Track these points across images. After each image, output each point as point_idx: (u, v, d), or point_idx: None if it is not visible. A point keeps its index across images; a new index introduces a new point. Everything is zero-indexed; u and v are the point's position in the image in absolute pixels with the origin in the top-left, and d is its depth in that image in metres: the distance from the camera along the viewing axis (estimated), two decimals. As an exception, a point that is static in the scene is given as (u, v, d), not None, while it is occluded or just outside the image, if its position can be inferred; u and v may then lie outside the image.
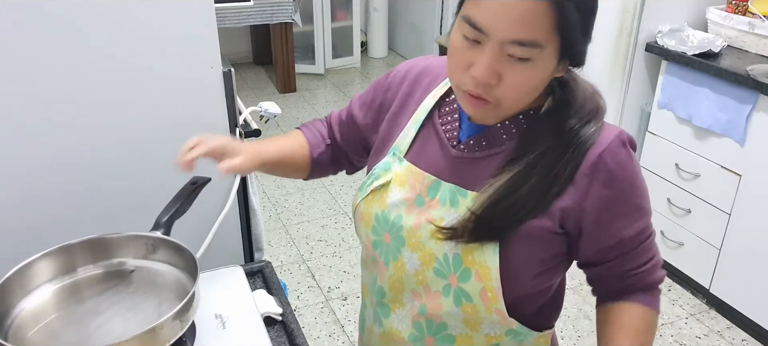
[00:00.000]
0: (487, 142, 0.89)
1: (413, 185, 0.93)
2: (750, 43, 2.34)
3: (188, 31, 1.11)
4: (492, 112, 0.84)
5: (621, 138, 0.85)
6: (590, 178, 0.84)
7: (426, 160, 0.94)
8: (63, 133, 1.09)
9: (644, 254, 0.90)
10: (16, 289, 0.91)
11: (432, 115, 0.96)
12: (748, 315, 2.34)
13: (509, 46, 0.76)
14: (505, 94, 0.80)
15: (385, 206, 0.94)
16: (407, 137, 0.97)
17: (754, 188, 2.21)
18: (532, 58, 0.77)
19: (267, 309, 1.06)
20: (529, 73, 0.79)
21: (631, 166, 0.86)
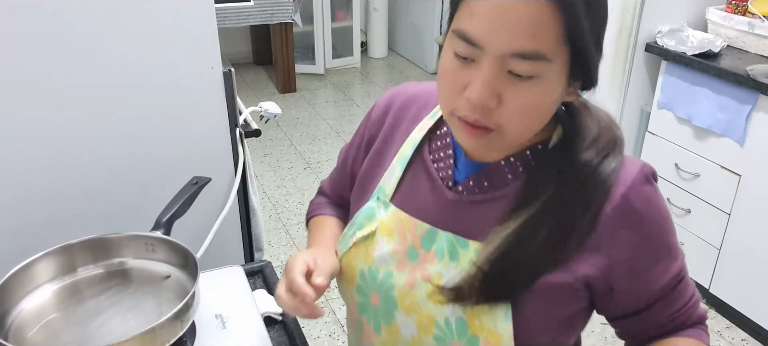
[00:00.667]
0: (489, 182, 0.77)
1: (403, 234, 0.80)
2: (750, 44, 2.34)
3: (188, 31, 1.11)
4: (493, 144, 0.70)
5: (644, 172, 0.74)
6: (616, 223, 0.72)
7: (417, 204, 0.81)
8: (63, 133, 1.09)
9: (683, 294, 0.79)
10: (16, 289, 0.91)
11: (421, 150, 0.83)
12: (748, 315, 2.34)
13: (510, 60, 0.64)
14: (507, 119, 0.67)
15: (372, 260, 0.81)
16: (393, 177, 0.83)
17: (753, 188, 2.21)
18: (537, 75, 0.65)
19: (267, 309, 1.06)
20: (534, 94, 0.66)
21: (658, 203, 0.75)
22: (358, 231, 0.83)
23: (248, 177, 1.32)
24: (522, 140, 0.73)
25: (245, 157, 1.28)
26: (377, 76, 5.18)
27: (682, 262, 0.80)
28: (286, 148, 3.91)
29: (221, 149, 1.24)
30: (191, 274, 0.95)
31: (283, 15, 2.96)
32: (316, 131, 4.14)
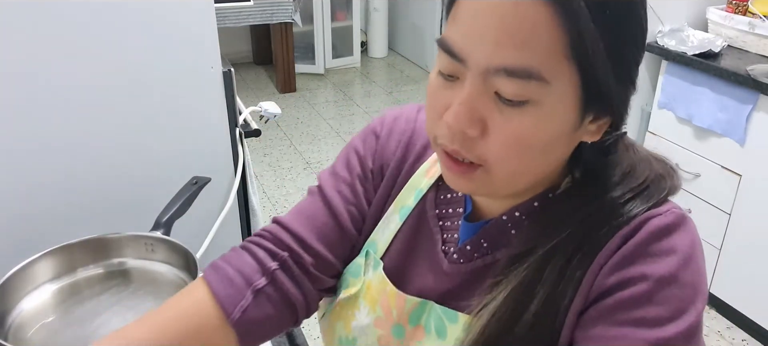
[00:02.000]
0: (488, 242, 0.63)
1: (388, 308, 0.67)
2: (750, 43, 2.34)
3: (188, 31, 1.11)
4: (480, 186, 0.57)
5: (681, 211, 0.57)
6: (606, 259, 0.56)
7: (411, 270, 0.68)
8: (62, 133, 1.09)
9: None
10: (16, 289, 0.91)
11: (425, 201, 0.69)
12: (748, 315, 2.33)
13: (494, 78, 0.51)
14: (492, 154, 0.53)
15: (350, 329, 0.68)
16: (387, 231, 0.69)
17: (754, 188, 2.21)
18: (531, 100, 0.51)
19: (267, 309, 1.05)
20: (527, 125, 0.52)
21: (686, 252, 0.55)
22: (343, 290, 0.70)
23: (248, 177, 1.32)
24: (518, 186, 0.58)
25: (245, 157, 1.28)
26: (377, 76, 5.18)
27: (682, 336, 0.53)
28: (286, 148, 3.91)
29: (221, 149, 1.24)
30: (191, 274, 0.95)
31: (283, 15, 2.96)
32: (316, 131, 4.14)
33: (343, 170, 0.73)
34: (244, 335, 0.66)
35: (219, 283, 0.66)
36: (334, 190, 0.72)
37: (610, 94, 0.53)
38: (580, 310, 0.56)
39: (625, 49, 0.53)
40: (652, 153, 0.63)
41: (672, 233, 0.55)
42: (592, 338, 0.53)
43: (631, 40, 0.53)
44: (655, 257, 0.54)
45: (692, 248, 0.56)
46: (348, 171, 0.73)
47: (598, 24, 0.49)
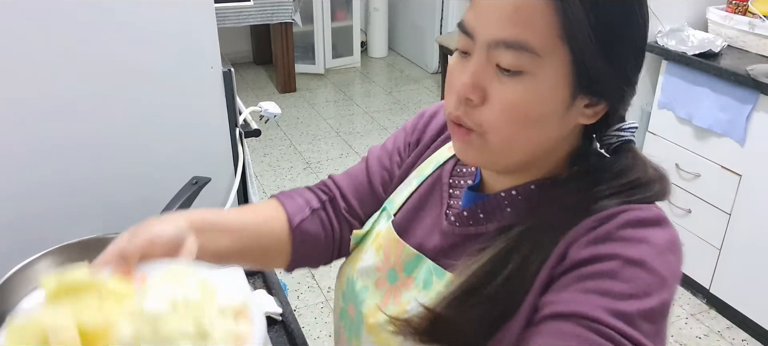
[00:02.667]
0: (485, 214, 0.70)
1: (389, 254, 0.75)
2: (750, 43, 2.34)
3: (188, 31, 1.11)
4: (479, 151, 0.63)
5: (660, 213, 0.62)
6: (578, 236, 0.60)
7: (416, 226, 0.76)
8: (63, 133, 1.09)
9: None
10: (16, 289, 0.91)
11: (442, 171, 0.78)
12: (749, 315, 2.33)
13: (495, 51, 0.59)
14: (489, 118, 0.61)
15: (355, 269, 0.78)
16: (404, 192, 0.79)
17: (754, 187, 2.21)
18: (525, 71, 0.58)
19: (267, 309, 1.06)
20: (520, 92, 0.59)
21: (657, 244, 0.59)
22: (357, 234, 0.81)
23: (248, 177, 1.32)
24: (517, 156, 0.64)
25: (245, 157, 1.28)
26: (377, 76, 5.18)
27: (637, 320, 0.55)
28: (286, 148, 3.91)
29: (221, 149, 1.24)
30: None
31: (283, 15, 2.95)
32: (316, 131, 4.14)
33: (390, 142, 0.86)
34: (298, 243, 0.81)
35: (286, 199, 0.83)
36: (376, 158, 0.86)
37: (601, 80, 0.59)
38: (545, 280, 0.60)
39: (618, 41, 0.59)
40: (651, 161, 0.68)
41: (647, 226, 0.60)
42: (561, 300, 0.57)
43: (624, 34, 0.59)
44: (628, 241, 0.58)
45: (667, 245, 0.60)
46: (393, 143, 0.86)
47: (589, 12, 0.56)
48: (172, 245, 0.65)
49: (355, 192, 0.85)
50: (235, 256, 0.76)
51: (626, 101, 0.64)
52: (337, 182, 0.86)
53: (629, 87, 0.63)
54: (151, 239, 0.64)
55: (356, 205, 0.84)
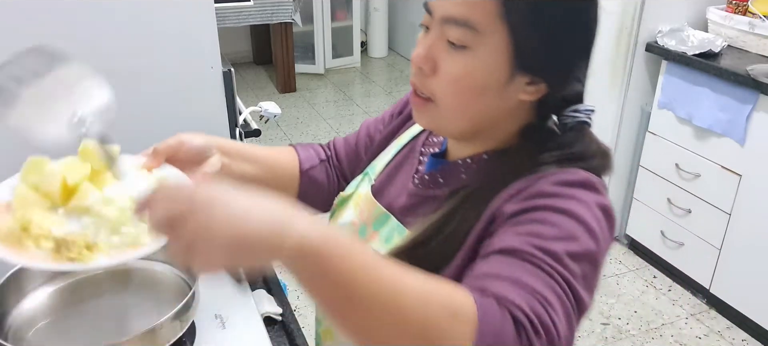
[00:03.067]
0: (444, 178, 0.79)
1: (363, 212, 0.85)
2: (750, 43, 2.34)
3: (188, 31, 1.11)
4: (432, 115, 0.72)
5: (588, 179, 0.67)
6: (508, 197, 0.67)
7: (391, 189, 0.85)
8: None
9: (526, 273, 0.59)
10: (16, 289, 0.91)
11: (417, 140, 0.88)
12: (749, 315, 2.33)
13: (446, 26, 0.67)
14: (439, 88, 0.69)
15: (336, 225, 0.88)
16: (384, 159, 0.89)
17: (754, 188, 2.21)
18: (469, 46, 0.66)
19: (267, 309, 1.06)
20: (465, 65, 0.67)
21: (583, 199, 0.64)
22: (341, 195, 0.91)
23: (248, 177, 1.32)
24: (463, 123, 0.72)
25: (245, 157, 1.28)
26: (377, 76, 5.18)
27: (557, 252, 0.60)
28: (286, 148, 3.91)
29: (221, 149, 1.24)
30: (191, 274, 0.95)
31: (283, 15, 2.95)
32: (316, 131, 4.14)
33: (386, 113, 0.98)
34: (305, 187, 0.96)
35: (300, 148, 1.00)
36: (365, 127, 1.00)
37: (537, 61, 0.67)
38: (478, 235, 0.68)
39: (556, 28, 0.66)
40: (598, 140, 0.75)
41: (578, 187, 0.66)
42: (496, 242, 0.63)
43: (564, 22, 0.67)
44: (558, 196, 0.64)
45: (596, 205, 0.65)
46: (389, 114, 0.97)
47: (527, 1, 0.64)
48: (198, 155, 0.79)
49: (346, 155, 1.00)
50: (253, 183, 0.83)
51: (566, 85, 0.71)
52: (336, 143, 1.02)
53: (568, 71, 0.70)
54: (181, 142, 0.78)
55: (346, 165, 0.99)
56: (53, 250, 0.66)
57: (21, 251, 0.66)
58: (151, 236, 0.66)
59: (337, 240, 0.53)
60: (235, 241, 0.50)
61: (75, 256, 0.65)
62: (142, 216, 0.54)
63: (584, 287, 0.61)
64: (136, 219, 0.61)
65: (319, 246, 0.51)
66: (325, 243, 0.51)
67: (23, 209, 0.70)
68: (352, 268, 0.52)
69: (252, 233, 0.50)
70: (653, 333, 2.39)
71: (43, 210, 0.71)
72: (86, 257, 0.66)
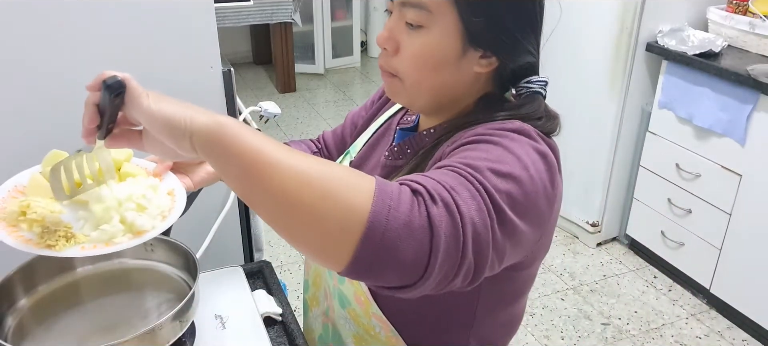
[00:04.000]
0: (411, 148, 0.86)
1: None
2: (750, 43, 2.34)
3: (188, 31, 1.11)
4: (398, 91, 0.80)
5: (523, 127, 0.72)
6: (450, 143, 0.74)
7: (368, 163, 0.92)
8: (63, 134, 1.09)
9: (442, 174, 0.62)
10: (16, 289, 0.91)
11: (393, 119, 0.95)
12: (749, 315, 2.33)
13: (404, 9, 0.75)
14: (402, 65, 0.77)
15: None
16: (363, 138, 0.96)
17: (754, 188, 2.21)
18: (424, 26, 0.74)
19: (267, 309, 1.05)
20: (423, 44, 0.75)
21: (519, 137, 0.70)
22: None
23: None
24: (428, 96, 0.79)
25: (245, 157, 1.28)
26: (377, 76, 5.17)
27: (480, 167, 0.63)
28: (286, 148, 3.91)
29: (221, 149, 1.24)
30: (191, 274, 0.95)
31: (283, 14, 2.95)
32: (316, 131, 4.14)
33: (369, 100, 1.06)
34: None
35: (292, 143, 1.08)
36: (351, 116, 1.08)
37: (484, 37, 0.74)
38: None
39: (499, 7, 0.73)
40: (549, 107, 0.80)
41: (516, 132, 0.70)
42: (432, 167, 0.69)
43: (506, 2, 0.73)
44: (493, 135, 0.69)
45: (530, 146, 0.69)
46: (370, 100, 1.05)
47: None
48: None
49: (334, 144, 1.09)
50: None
51: (516, 57, 0.77)
52: (325, 136, 1.12)
53: (516, 44, 0.76)
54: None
55: (335, 154, 1.08)
56: (38, 235, 0.73)
57: (11, 231, 0.73)
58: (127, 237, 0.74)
59: (235, 121, 0.61)
60: (156, 117, 0.64)
61: (53, 243, 0.72)
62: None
63: (509, 204, 0.62)
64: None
65: (220, 123, 0.60)
66: (224, 122, 0.60)
67: (32, 194, 0.78)
68: (251, 140, 0.58)
69: (168, 113, 0.64)
70: (653, 333, 2.38)
71: (50, 198, 0.78)
72: (61, 245, 0.72)
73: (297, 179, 0.55)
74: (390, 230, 0.54)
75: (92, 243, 0.73)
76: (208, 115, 0.62)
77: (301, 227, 0.56)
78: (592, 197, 2.80)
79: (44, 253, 0.72)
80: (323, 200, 0.55)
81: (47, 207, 0.75)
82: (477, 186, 0.60)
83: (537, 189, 0.66)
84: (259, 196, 0.58)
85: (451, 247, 0.56)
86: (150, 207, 0.78)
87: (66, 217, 0.76)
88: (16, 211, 0.75)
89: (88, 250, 0.73)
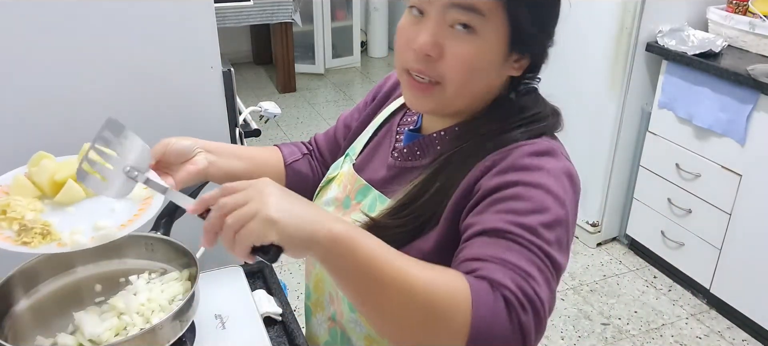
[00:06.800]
0: (420, 151, 0.86)
1: (346, 186, 0.92)
2: (750, 43, 2.34)
3: (188, 30, 1.11)
4: (437, 98, 0.77)
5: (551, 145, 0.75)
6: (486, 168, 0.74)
7: (371, 165, 0.91)
8: (63, 134, 1.09)
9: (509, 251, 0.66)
10: (16, 289, 0.91)
11: (393, 120, 0.94)
12: (749, 315, 2.33)
13: (450, 11, 0.72)
14: (448, 69, 0.74)
15: (321, 203, 0.94)
16: (363, 140, 0.96)
17: (754, 188, 2.21)
18: (475, 29, 0.72)
19: (267, 309, 1.06)
20: (472, 48, 0.73)
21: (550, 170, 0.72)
22: (325, 177, 0.97)
23: (248, 177, 1.32)
24: (463, 101, 0.79)
25: (245, 157, 1.28)
26: (377, 76, 5.17)
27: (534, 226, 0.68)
28: (286, 148, 3.91)
29: (221, 149, 1.23)
30: (191, 274, 0.95)
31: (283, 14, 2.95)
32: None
33: (361, 103, 1.05)
34: (291, 179, 1.04)
35: (283, 146, 1.08)
36: (342, 118, 1.08)
37: (531, 39, 0.75)
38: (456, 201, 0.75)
39: (545, 6, 0.75)
40: (548, 101, 0.83)
41: (542, 156, 0.74)
42: (480, 222, 0.71)
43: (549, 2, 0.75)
44: (527, 169, 0.72)
45: (561, 171, 0.73)
46: (363, 103, 1.05)
47: None
48: (183, 155, 0.87)
49: (327, 146, 1.08)
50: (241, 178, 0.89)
51: (545, 58, 0.80)
52: (317, 138, 1.11)
53: (551, 42, 0.78)
54: (166, 144, 0.86)
55: (328, 156, 1.07)
56: (16, 232, 0.76)
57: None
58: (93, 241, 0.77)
59: (359, 231, 0.64)
60: (281, 222, 0.62)
61: (28, 241, 0.75)
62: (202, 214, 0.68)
63: (558, 250, 0.69)
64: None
65: (344, 235, 0.62)
66: (349, 232, 0.63)
67: (15, 194, 0.82)
68: (372, 254, 0.62)
69: (293, 220, 0.62)
70: (653, 333, 2.38)
71: (32, 198, 0.82)
72: (36, 242, 0.75)
73: (405, 293, 0.62)
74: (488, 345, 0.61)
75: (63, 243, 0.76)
76: (336, 220, 0.65)
77: (406, 341, 0.64)
78: (592, 197, 2.80)
79: (20, 250, 0.74)
80: (428, 312, 0.61)
81: (28, 206, 0.79)
82: (540, 256, 0.67)
83: (571, 219, 0.74)
84: (369, 304, 0.65)
85: (537, 336, 0.64)
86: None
87: (50, 217, 0.79)
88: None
89: (56, 247, 0.76)
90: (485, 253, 0.66)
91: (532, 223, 0.68)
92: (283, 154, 1.06)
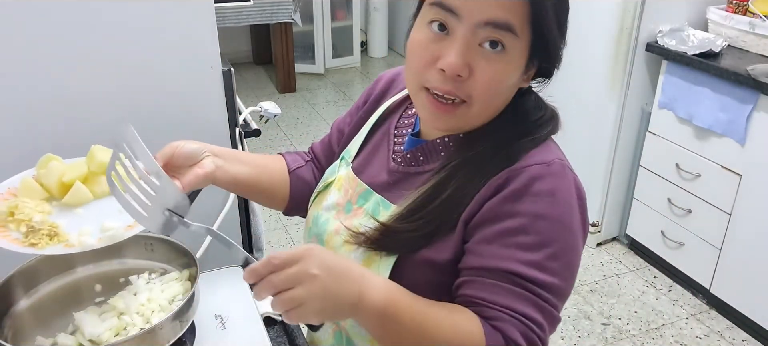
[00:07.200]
0: (424, 156, 0.85)
1: (347, 190, 0.91)
2: (750, 43, 2.34)
3: (188, 31, 1.11)
4: (462, 116, 0.76)
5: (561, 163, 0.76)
6: (498, 187, 0.75)
7: (370, 169, 0.91)
8: (62, 133, 1.09)
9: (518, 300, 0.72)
10: (16, 289, 0.91)
11: (389, 123, 0.93)
12: (749, 315, 2.33)
13: (482, 29, 0.70)
14: (477, 90, 0.73)
15: (321, 208, 0.93)
16: (357, 143, 0.95)
17: (754, 188, 2.21)
18: (506, 48, 0.71)
19: (267, 309, 1.06)
20: (502, 67, 0.72)
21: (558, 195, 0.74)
22: (321, 183, 0.96)
23: (248, 177, 1.32)
24: (484, 117, 0.78)
25: (245, 157, 1.28)
26: (377, 76, 5.17)
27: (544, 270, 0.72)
28: (285, 148, 3.91)
29: (221, 149, 1.23)
30: (191, 274, 0.95)
31: (283, 14, 2.95)
32: (316, 131, 4.14)
33: (353, 107, 1.04)
34: (295, 186, 1.03)
35: (286, 154, 1.07)
36: (336, 124, 1.06)
37: (548, 53, 0.75)
38: (466, 219, 0.76)
39: (564, 14, 0.74)
40: (545, 102, 0.83)
41: (549, 177, 0.74)
42: (486, 254, 0.73)
43: (567, 7, 0.75)
44: (535, 196, 0.73)
45: (569, 192, 0.75)
46: (355, 107, 1.03)
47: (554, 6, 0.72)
48: (191, 158, 0.86)
49: (323, 153, 1.08)
50: (248, 184, 0.95)
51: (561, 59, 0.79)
52: (314, 146, 1.11)
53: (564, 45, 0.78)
54: (175, 147, 0.85)
55: (325, 164, 1.06)
56: (24, 234, 0.77)
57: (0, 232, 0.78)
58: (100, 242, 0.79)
59: (398, 296, 0.71)
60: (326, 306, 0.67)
61: (36, 242, 0.76)
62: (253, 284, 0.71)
63: (564, 279, 0.73)
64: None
65: (385, 304, 0.69)
66: (390, 299, 0.70)
67: (23, 196, 0.82)
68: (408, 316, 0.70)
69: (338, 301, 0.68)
70: (653, 333, 2.38)
71: (40, 199, 0.83)
72: (43, 243, 0.76)
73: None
74: None
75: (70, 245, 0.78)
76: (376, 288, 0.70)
77: None
78: (592, 197, 2.80)
79: (27, 251, 0.75)
80: None
81: (36, 208, 0.79)
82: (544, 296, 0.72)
83: (579, 243, 0.76)
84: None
85: None
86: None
87: (58, 219, 0.81)
88: (5, 212, 0.79)
89: (64, 249, 0.77)
90: (495, 300, 0.72)
91: (538, 259, 0.72)
92: (286, 161, 1.06)
